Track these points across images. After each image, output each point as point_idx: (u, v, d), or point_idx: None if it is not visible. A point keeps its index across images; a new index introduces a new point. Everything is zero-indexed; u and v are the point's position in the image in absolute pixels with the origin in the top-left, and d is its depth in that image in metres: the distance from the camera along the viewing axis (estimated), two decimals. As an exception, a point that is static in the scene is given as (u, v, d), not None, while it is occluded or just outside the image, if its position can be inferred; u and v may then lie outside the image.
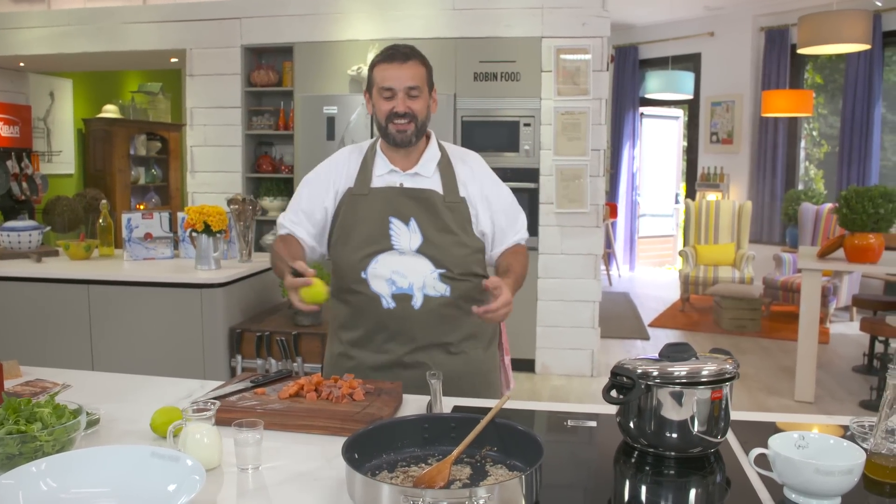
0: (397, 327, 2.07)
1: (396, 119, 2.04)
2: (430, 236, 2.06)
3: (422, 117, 2.08)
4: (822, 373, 5.54)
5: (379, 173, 2.13)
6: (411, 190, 2.10)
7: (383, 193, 2.10)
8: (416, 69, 2.05)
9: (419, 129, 2.08)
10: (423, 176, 2.12)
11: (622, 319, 7.55)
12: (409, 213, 2.07)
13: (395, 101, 2.04)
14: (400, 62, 2.04)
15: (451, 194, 2.12)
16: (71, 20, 6.22)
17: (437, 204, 2.09)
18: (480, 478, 1.33)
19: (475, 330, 2.16)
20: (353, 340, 2.14)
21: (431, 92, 2.13)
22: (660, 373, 1.47)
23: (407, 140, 2.07)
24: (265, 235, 6.09)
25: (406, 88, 2.03)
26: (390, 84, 2.03)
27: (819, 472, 1.23)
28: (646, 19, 9.73)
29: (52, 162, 8.46)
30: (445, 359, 2.09)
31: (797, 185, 8.89)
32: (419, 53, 2.09)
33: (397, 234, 2.06)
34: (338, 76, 5.77)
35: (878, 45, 7.55)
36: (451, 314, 2.09)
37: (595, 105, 5.43)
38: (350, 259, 2.09)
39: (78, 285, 3.74)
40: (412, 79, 2.04)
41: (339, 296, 2.16)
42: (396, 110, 2.03)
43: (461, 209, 2.12)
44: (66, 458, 1.30)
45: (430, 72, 2.11)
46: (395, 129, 2.05)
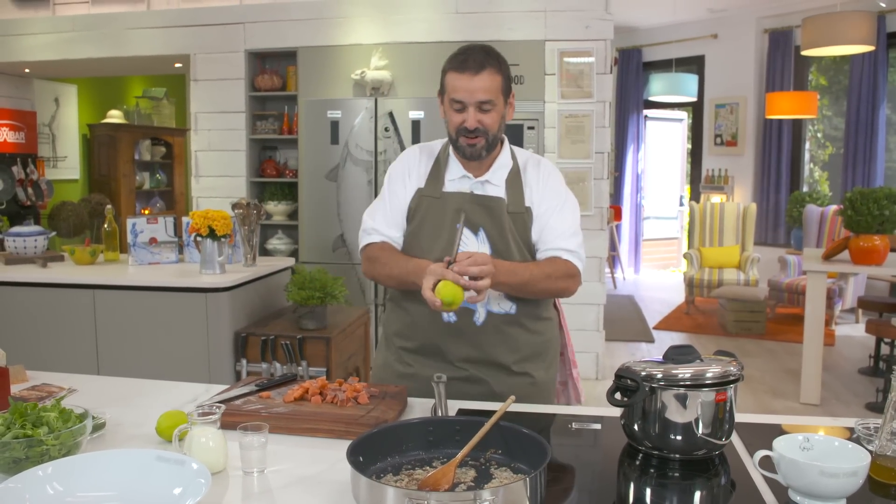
0: (456, 342, 2.00)
1: (467, 133, 1.94)
2: (498, 248, 1.98)
3: (493, 131, 1.96)
4: (827, 375, 5.53)
5: (451, 177, 2.05)
6: (482, 197, 2.01)
7: (453, 199, 2.02)
8: (491, 80, 1.91)
9: (490, 143, 1.97)
10: (492, 184, 2.03)
11: (627, 322, 7.55)
12: (479, 222, 1.99)
13: (466, 114, 1.92)
14: (472, 73, 1.90)
15: (516, 204, 2.02)
16: (75, 26, 6.24)
17: (502, 213, 2.00)
18: (485, 481, 1.33)
19: (538, 349, 2.08)
20: (409, 349, 2.08)
21: (508, 98, 2.00)
22: (664, 375, 1.47)
23: (476, 154, 1.97)
24: (270, 239, 6.10)
25: (477, 103, 1.91)
26: (460, 97, 1.91)
27: (824, 474, 1.23)
28: (649, 22, 9.73)
29: (57, 167, 8.48)
30: (507, 378, 2.01)
31: (802, 187, 8.88)
32: (495, 58, 1.94)
33: (465, 244, 1.98)
34: (341, 80, 5.78)
35: (882, 46, 7.54)
36: (513, 333, 2.02)
37: (599, 108, 5.44)
38: None
39: (83, 290, 3.75)
40: (484, 92, 1.90)
41: (398, 301, 2.11)
42: (466, 125, 1.93)
43: (524, 220, 2.02)
44: (72, 461, 1.31)
45: (508, 77, 1.97)
46: (466, 142, 1.95)
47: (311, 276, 3.64)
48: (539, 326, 2.08)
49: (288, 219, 6.13)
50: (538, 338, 2.07)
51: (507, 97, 1.98)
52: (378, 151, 5.53)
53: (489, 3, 5.53)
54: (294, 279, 3.70)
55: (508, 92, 1.98)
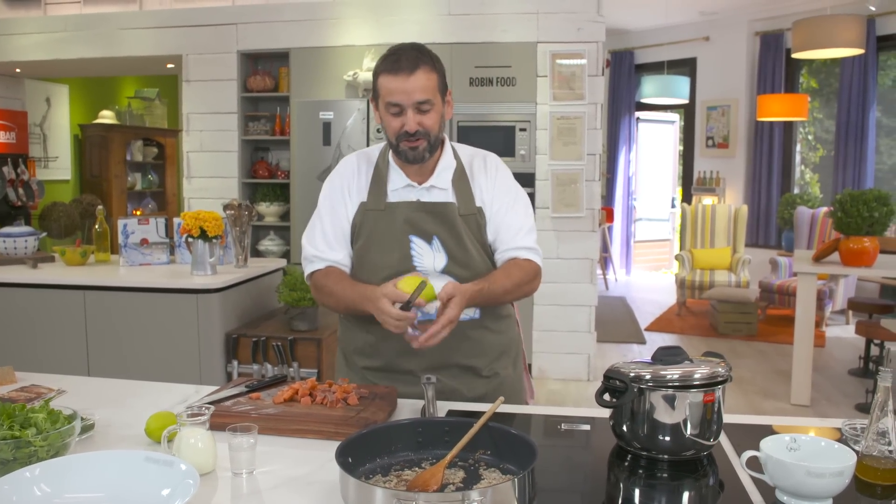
0: (423, 355, 1.91)
1: (408, 137, 1.85)
2: (454, 255, 1.92)
3: (434, 132, 1.88)
4: (817, 376, 5.55)
5: (394, 187, 1.96)
6: (429, 204, 1.93)
7: (401, 209, 1.93)
8: (426, 79, 1.83)
9: (433, 145, 1.90)
10: (439, 188, 1.95)
11: (619, 324, 7.56)
12: (431, 231, 1.91)
13: (404, 117, 1.84)
14: (406, 73, 1.81)
15: (466, 205, 1.95)
16: (67, 26, 6.23)
17: (455, 218, 1.92)
18: (474, 481, 1.33)
19: (503, 348, 2.05)
20: (373, 368, 2.01)
21: (446, 96, 1.92)
22: (652, 376, 1.48)
23: (419, 157, 1.89)
24: (261, 241, 6.09)
25: (415, 104, 1.83)
26: (397, 100, 1.83)
27: (810, 474, 1.24)
28: (641, 24, 9.76)
29: (48, 168, 8.46)
30: (478, 382, 1.99)
31: (793, 189, 8.92)
32: (427, 57, 1.86)
33: (420, 255, 1.91)
34: (334, 81, 5.78)
35: (872, 49, 7.58)
36: (478, 336, 1.98)
37: (590, 110, 5.45)
38: (371, 280, 1.90)
39: (74, 291, 3.75)
40: (422, 91, 1.82)
41: (356, 321, 2.02)
42: (407, 129, 1.84)
43: (477, 221, 1.96)
44: (60, 463, 1.31)
45: (442, 74, 1.90)
46: (407, 146, 1.87)
47: (302, 278, 3.64)
48: (501, 326, 2.06)
49: (280, 220, 6.13)
50: (501, 337, 2.05)
51: (445, 95, 1.91)
52: (370, 153, 5.53)
53: (482, 5, 5.54)
54: (285, 280, 3.70)
55: (445, 89, 1.92)
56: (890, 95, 8.15)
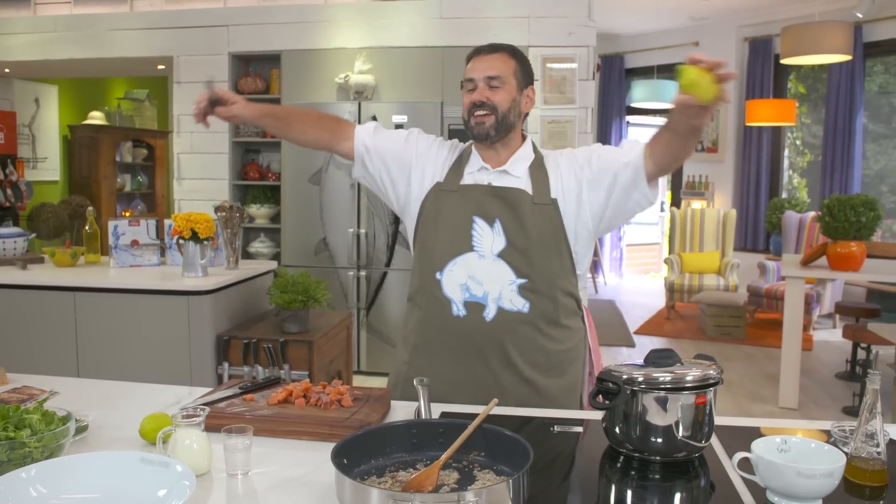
0: (464, 338, 1.93)
1: (476, 110, 1.94)
2: (514, 240, 1.92)
3: (503, 109, 1.94)
4: (805, 379, 5.59)
5: (470, 170, 2.02)
6: (499, 189, 1.96)
7: (470, 191, 1.98)
8: (502, 60, 1.95)
9: (500, 123, 1.94)
10: (511, 175, 1.98)
11: (608, 327, 7.59)
12: (495, 214, 1.93)
13: (475, 91, 1.95)
14: (486, 53, 1.96)
15: (542, 195, 1.96)
16: (57, 26, 6.21)
17: (525, 205, 1.93)
18: (468, 482, 1.34)
19: (553, 358, 1.97)
20: (417, 345, 2.02)
21: (525, 90, 1.99)
22: (645, 378, 1.49)
23: (485, 133, 1.95)
24: (252, 243, 6.08)
25: (486, 78, 1.93)
26: (472, 75, 1.96)
27: (800, 475, 1.25)
28: (631, 29, 9.81)
29: (37, 168, 8.42)
30: (514, 385, 1.92)
31: (781, 194, 8.97)
32: (512, 48, 1.99)
33: (479, 236, 1.93)
34: (325, 84, 5.78)
35: (859, 55, 7.65)
36: (526, 333, 1.93)
37: (581, 114, 5.47)
38: (429, 258, 1.97)
39: (64, 292, 3.73)
40: (493, 69, 1.94)
41: (413, 297, 2.05)
42: (474, 100, 1.94)
43: (551, 213, 1.95)
44: (56, 464, 1.31)
45: (524, 67, 1.99)
46: (475, 120, 1.95)
47: (293, 280, 3.65)
48: (556, 333, 1.97)
49: (270, 222, 6.12)
50: (553, 345, 1.97)
51: (524, 87, 1.99)
52: (361, 155, 5.53)
53: (473, 9, 5.56)
54: (276, 282, 3.70)
55: (526, 83, 2.00)
56: (876, 101, 8.22)
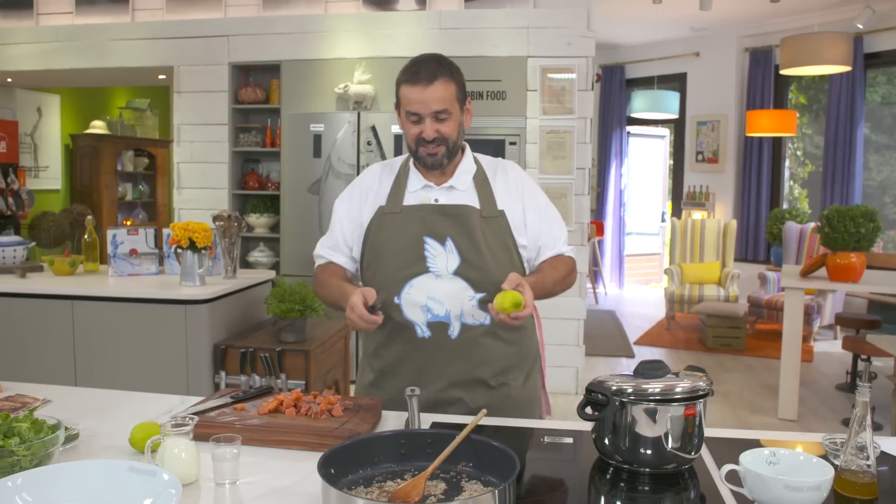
0: (431, 358, 1.96)
1: (426, 143, 1.94)
2: (468, 257, 1.94)
3: (453, 139, 1.96)
4: (805, 391, 5.57)
5: (412, 189, 2.02)
6: (446, 206, 1.98)
7: (417, 211, 1.98)
8: (444, 89, 1.91)
9: (451, 151, 1.97)
10: (458, 190, 2.01)
11: (608, 338, 7.58)
12: (445, 232, 1.95)
13: (423, 125, 1.92)
14: (425, 84, 1.89)
15: (489, 208, 2.00)
16: (59, 36, 6.23)
17: (474, 220, 1.96)
18: (455, 493, 1.34)
19: (515, 360, 2.05)
20: (383, 369, 2.04)
21: (464, 105, 2.00)
22: (634, 390, 1.49)
23: (438, 163, 1.96)
24: (251, 252, 6.09)
25: (432, 113, 1.91)
26: (416, 109, 1.91)
27: (788, 488, 1.25)
28: (632, 39, 9.83)
29: (38, 177, 8.44)
30: (485, 394, 1.98)
31: (782, 204, 8.97)
32: (446, 68, 1.94)
33: (433, 256, 1.94)
34: (325, 94, 5.80)
35: (859, 66, 7.65)
36: (489, 345, 1.98)
37: (580, 124, 5.48)
38: (383, 283, 1.95)
39: (62, 301, 3.73)
40: (439, 101, 1.90)
41: None
42: (424, 136, 1.92)
43: (500, 224, 2.00)
44: (43, 472, 1.30)
45: (461, 85, 1.97)
46: (426, 152, 1.95)
47: (291, 289, 3.65)
48: (515, 336, 2.04)
49: (270, 231, 6.13)
50: (514, 348, 2.03)
51: (463, 104, 1.99)
52: (360, 165, 5.55)
53: (472, 20, 5.58)
54: (274, 292, 3.70)
55: (464, 99, 1.99)
56: (878, 112, 8.23)
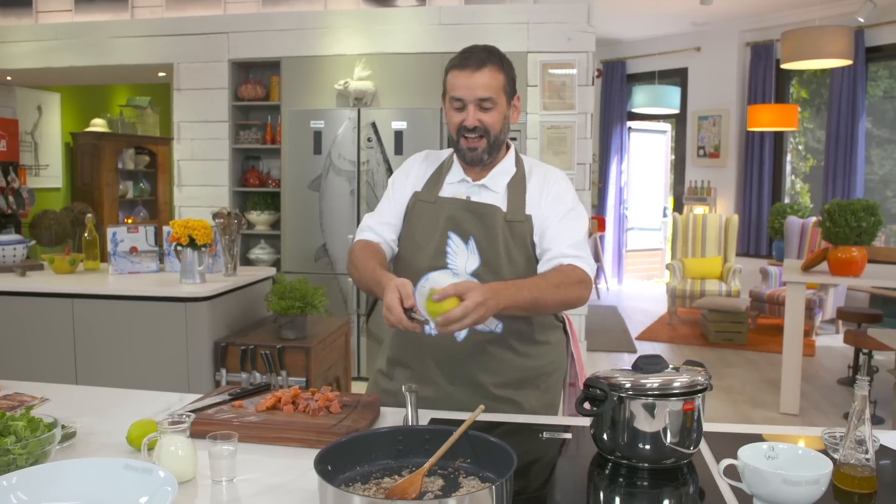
0: (436, 357, 1.92)
1: (466, 133, 1.88)
2: (488, 260, 1.87)
3: (495, 131, 1.89)
4: (807, 385, 5.56)
5: (450, 180, 1.98)
6: (475, 204, 1.92)
7: (447, 204, 1.93)
8: (492, 77, 1.85)
9: (492, 145, 1.90)
10: (490, 190, 1.94)
11: (610, 333, 7.57)
12: (469, 231, 1.89)
13: (465, 113, 1.86)
14: (473, 69, 1.84)
15: (516, 212, 1.91)
16: (58, 34, 6.23)
17: (497, 222, 1.89)
18: (453, 489, 1.33)
19: (528, 375, 1.95)
20: (392, 358, 2.04)
21: (512, 100, 1.93)
22: (632, 384, 1.48)
23: (478, 158, 1.90)
24: (252, 249, 6.09)
25: (477, 100, 1.85)
26: (460, 94, 1.86)
27: (786, 482, 1.25)
28: (633, 34, 9.81)
29: (39, 176, 8.44)
30: (487, 403, 1.77)
31: (783, 199, 8.96)
32: (498, 57, 1.89)
33: (454, 253, 1.89)
34: (325, 90, 5.79)
35: (861, 60, 7.63)
36: (497, 354, 1.91)
37: (581, 119, 5.47)
38: (402, 270, 1.93)
39: (62, 299, 3.73)
40: (485, 89, 1.84)
41: None
42: (465, 124, 1.87)
43: (523, 230, 1.91)
44: (38, 471, 1.30)
45: (511, 78, 1.92)
46: (466, 144, 1.89)
47: (291, 286, 3.64)
48: (531, 350, 1.96)
49: (270, 228, 6.13)
50: (529, 362, 1.95)
51: (511, 98, 1.93)
52: (361, 162, 5.54)
53: (472, 15, 5.56)
54: (274, 289, 3.70)
55: (512, 93, 1.93)
56: (880, 106, 8.20)
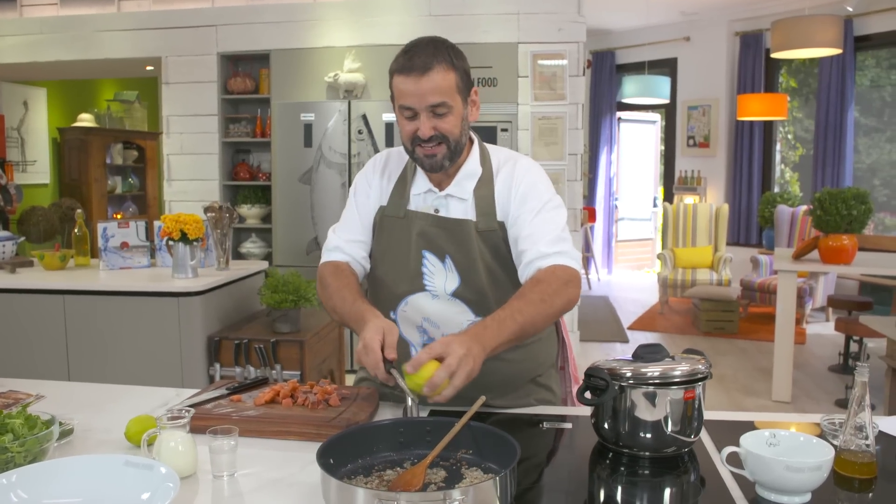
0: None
1: (422, 143, 1.68)
2: (467, 278, 1.73)
3: (454, 136, 1.69)
4: (798, 373, 5.59)
5: (416, 191, 1.80)
6: (444, 220, 1.75)
7: (417, 220, 1.76)
8: (442, 79, 1.64)
9: (453, 151, 1.70)
10: (457, 198, 1.76)
11: (601, 323, 7.59)
12: (444, 248, 1.74)
13: (418, 122, 1.66)
14: (419, 73, 1.62)
15: (486, 220, 1.75)
16: (44, 28, 6.17)
17: (471, 236, 1.73)
18: (455, 481, 1.33)
19: (517, 380, 1.85)
20: (368, 378, 1.92)
21: (469, 96, 1.73)
22: (633, 374, 1.48)
23: (438, 165, 1.70)
24: (243, 243, 6.07)
25: (429, 107, 1.64)
26: (409, 103, 1.65)
27: (789, 469, 1.25)
28: (622, 24, 9.80)
29: (26, 172, 8.37)
30: None
31: (773, 188, 8.99)
32: (444, 53, 1.66)
33: (431, 273, 1.75)
34: (315, 83, 5.76)
35: (849, 49, 7.65)
36: (487, 369, 1.61)
37: (572, 110, 5.47)
38: (379, 294, 1.79)
39: (53, 296, 3.70)
40: (436, 93, 1.63)
41: None
42: (420, 134, 1.66)
43: (496, 239, 1.75)
44: (38, 468, 1.29)
45: (464, 73, 1.71)
46: (423, 153, 1.69)
47: (284, 280, 3.63)
48: (523, 355, 1.84)
49: (262, 222, 6.10)
50: (522, 366, 1.85)
51: (467, 95, 1.72)
52: (352, 154, 5.52)
53: (462, 6, 5.55)
54: (267, 282, 3.68)
55: (468, 89, 1.73)
56: (868, 95, 8.23)
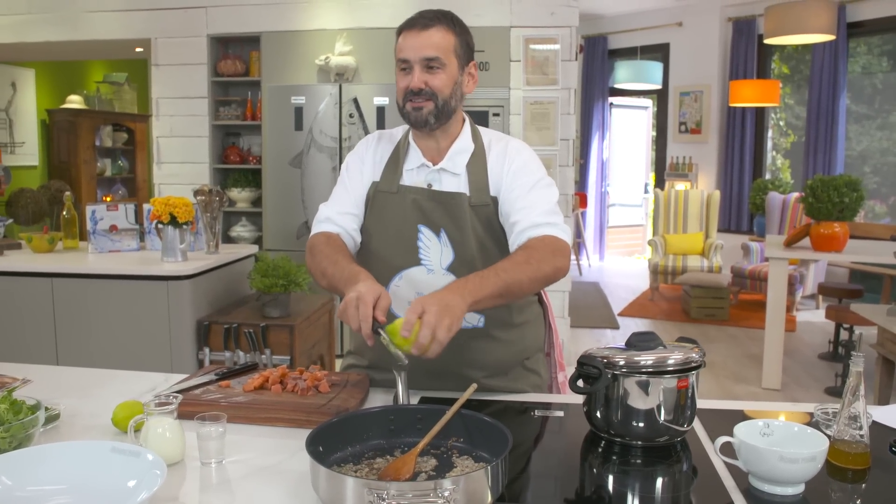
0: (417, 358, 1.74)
1: (412, 97, 1.72)
2: (462, 252, 1.75)
3: (444, 95, 1.72)
4: (788, 360, 5.61)
5: (409, 167, 1.81)
6: (439, 194, 1.77)
7: (410, 194, 1.78)
8: (440, 37, 1.70)
9: (440, 110, 1.73)
10: (449, 172, 1.79)
11: (592, 309, 7.59)
12: (440, 223, 1.75)
13: (412, 75, 1.71)
14: (420, 28, 1.70)
15: (479, 194, 1.77)
16: (32, 8, 6.09)
17: (464, 210, 1.75)
18: (446, 469, 1.31)
19: (510, 359, 1.86)
20: (360, 367, 1.91)
21: (467, 67, 1.78)
22: (626, 362, 1.47)
23: (423, 119, 1.73)
24: (233, 227, 6.03)
25: (423, 60, 1.69)
26: (405, 55, 1.71)
27: (783, 459, 1.24)
28: (615, 9, 9.76)
29: (14, 153, 8.29)
30: None
31: (764, 175, 8.99)
32: (449, 18, 1.74)
33: (426, 248, 1.76)
34: (305, 66, 5.71)
35: (842, 35, 7.63)
36: (481, 347, 1.80)
37: (564, 95, 5.44)
38: (372, 269, 1.70)
39: (41, 278, 3.67)
40: (432, 48, 1.69)
41: None
42: (411, 86, 1.71)
43: (489, 213, 1.77)
44: (22, 454, 1.27)
45: (465, 43, 1.76)
46: (411, 106, 1.73)
47: (274, 264, 3.61)
48: (512, 335, 1.87)
49: (252, 206, 6.06)
50: (512, 347, 1.86)
51: (465, 64, 1.77)
52: (342, 138, 5.48)
53: (455, -11, 5.50)
54: (257, 267, 3.66)
55: (467, 59, 1.78)
56: (859, 82, 8.22)
